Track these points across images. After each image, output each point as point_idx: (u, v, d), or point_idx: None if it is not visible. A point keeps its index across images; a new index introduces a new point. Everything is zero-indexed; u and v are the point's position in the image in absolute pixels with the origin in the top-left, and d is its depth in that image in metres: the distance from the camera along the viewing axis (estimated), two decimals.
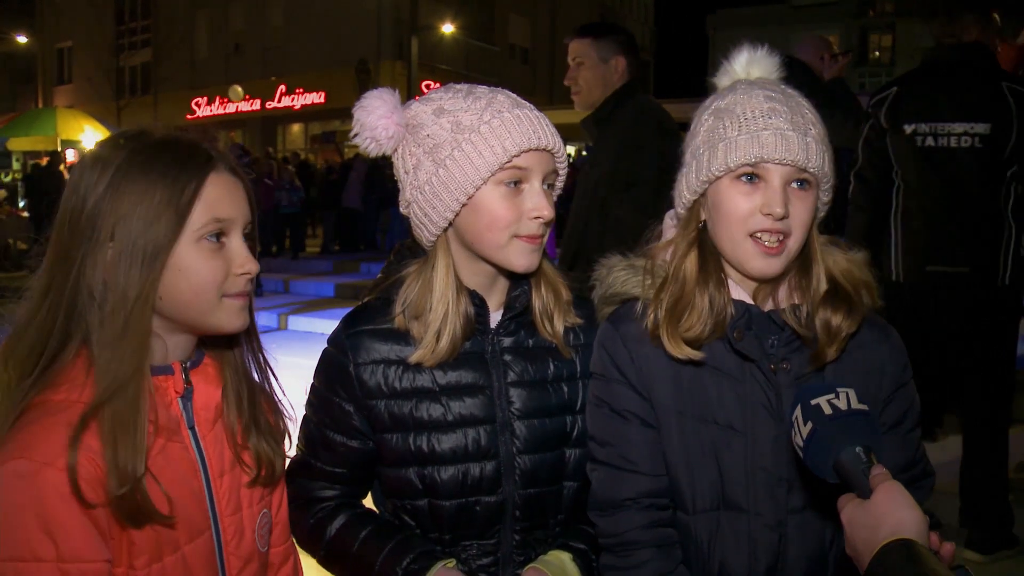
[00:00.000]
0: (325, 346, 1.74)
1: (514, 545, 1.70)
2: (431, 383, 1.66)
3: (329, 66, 25.12)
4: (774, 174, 1.52)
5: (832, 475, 1.32)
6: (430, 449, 1.65)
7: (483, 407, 1.67)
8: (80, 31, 33.65)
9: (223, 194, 1.39)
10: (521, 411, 1.68)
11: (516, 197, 1.58)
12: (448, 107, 1.60)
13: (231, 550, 1.47)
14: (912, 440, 1.67)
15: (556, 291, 1.72)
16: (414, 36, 20.97)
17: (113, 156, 1.35)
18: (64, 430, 1.25)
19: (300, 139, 29.18)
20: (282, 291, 13.50)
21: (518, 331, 1.71)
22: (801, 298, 1.61)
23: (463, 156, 1.56)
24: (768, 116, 1.54)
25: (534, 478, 1.68)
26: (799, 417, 1.36)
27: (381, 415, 1.67)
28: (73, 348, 1.33)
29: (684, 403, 1.62)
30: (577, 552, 1.70)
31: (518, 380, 1.69)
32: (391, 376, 1.66)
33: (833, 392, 1.35)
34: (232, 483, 1.48)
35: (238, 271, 1.41)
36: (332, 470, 1.73)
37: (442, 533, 1.69)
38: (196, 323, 1.41)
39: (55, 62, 36.30)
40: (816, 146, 1.54)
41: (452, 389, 1.66)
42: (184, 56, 30.97)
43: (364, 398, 1.67)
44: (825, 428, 1.32)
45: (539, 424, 1.69)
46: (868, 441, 1.31)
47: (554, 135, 1.61)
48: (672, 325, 1.59)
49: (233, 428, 1.49)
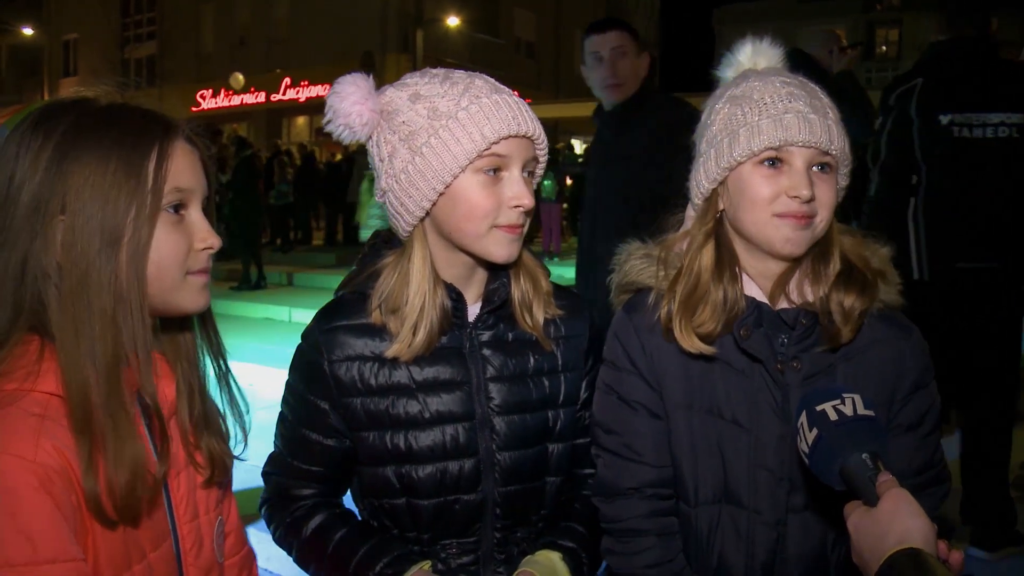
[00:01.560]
0: (299, 342, 1.69)
1: (495, 543, 1.67)
2: (408, 379, 1.62)
3: (334, 59, 25.05)
4: (797, 157, 1.51)
5: (838, 482, 1.30)
6: (407, 447, 1.61)
7: (462, 403, 1.63)
8: (86, 23, 33.68)
9: (184, 163, 1.28)
10: (501, 407, 1.64)
11: (495, 185, 1.53)
12: (424, 92, 1.55)
13: (191, 561, 1.37)
14: (930, 443, 1.65)
15: (535, 281, 1.69)
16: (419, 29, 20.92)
17: (55, 124, 1.21)
18: (25, 419, 1.13)
19: (305, 132, 29.14)
20: (286, 284, 13.51)
21: (497, 324, 1.67)
22: (814, 290, 1.59)
23: (440, 143, 1.50)
24: (788, 100, 1.53)
25: (515, 475, 1.65)
26: (804, 423, 1.34)
27: (357, 413, 1.63)
28: (19, 335, 1.20)
29: (692, 396, 1.62)
30: (566, 551, 1.67)
31: (497, 375, 1.65)
32: (367, 373, 1.62)
33: (839, 398, 1.33)
34: (188, 485, 1.37)
35: (200, 245, 1.30)
36: (309, 468, 1.69)
37: (421, 532, 1.65)
38: (158, 303, 1.28)
39: (61, 54, 36.28)
40: (836, 129, 1.54)
41: (430, 385, 1.62)
42: (189, 49, 30.95)
43: (339, 396, 1.63)
44: (831, 434, 1.30)
45: (519, 420, 1.65)
46: (874, 447, 1.28)
47: (534, 121, 1.55)
48: (685, 318, 1.58)
49: (185, 425, 1.38)
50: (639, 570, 1.64)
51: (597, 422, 1.70)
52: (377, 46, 24.71)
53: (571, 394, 1.73)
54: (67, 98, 1.27)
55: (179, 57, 31.18)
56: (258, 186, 13.42)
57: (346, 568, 1.62)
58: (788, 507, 1.58)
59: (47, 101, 1.28)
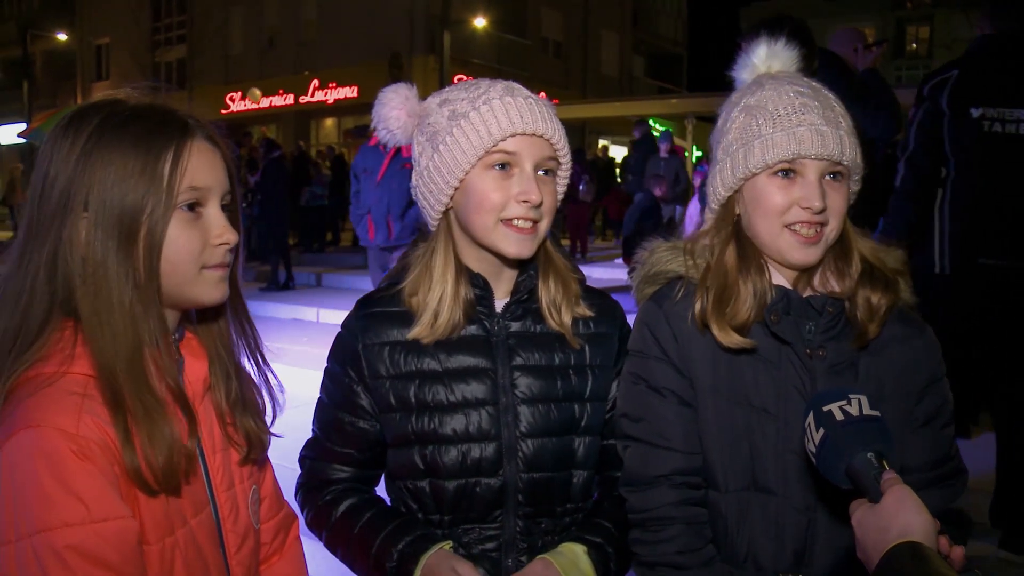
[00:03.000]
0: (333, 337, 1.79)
1: (518, 531, 1.71)
2: (436, 365, 1.70)
3: (362, 60, 25.22)
4: (810, 169, 1.56)
5: (845, 480, 1.33)
6: (432, 430, 1.68)
7: (487, 390, 1.70)
8: (118, 28, 34.10)
9: (200, 162, 1.34)
10: (525, 395, 1.71)
11: (506, 180, 1.62)
12: (450, 97, 1.68)
13: (229, 527, 1.47)
14: (945, 437, 1.68)
15: (565, 283, 1.76)
16: (446, 30, 20.99)
17: (85, 124, 1.30)
18: (66, 397, 1.22)
19: (333, 133, 29.31)
20: (314, 284, 13.59)
21: (524, 317, 1.75)
22: (839, 283, 1.64)
23: (453, 141, 1.63)
24: (801, 112, 1.56)
25: (537, 463, 1.70)
26: (811, 424, 1.37)
27: (386, 395, 1.71)
28: (55, 322, 1.29)
29: (721, 383, 1.65)
30: (592, 545, 1.70)
31: (523, 365, 1.72)
32: (397, 357, 1.71)
33: (845, 398, 1.36)
34: (224, 458, 1.47)
35: (216, 241, 1.37)
36: (342, 451, 1.78)
37: (443, 515, 1.71)
38: (175, 295, 1.36)
39: (93, 59, 36.76)
40: (848, 139, 1.57)
41: (456, 372, 1.70)
42: (218, 51, 31.24)
43: (371, 378, 1.72)
44: (837, 434, 1.33)
45: (544, 409, 1.71)
46: (880, 446, 1.32)
47: (547, 121, 1.64)
48: (719, 313, 1.62)
49: (221, 405, 1.48)
50: (667, 557, 1.66)
51: (624, 413, 1.73)
52: (405, 47, 24.82)
53: (598, 391, 1.77)
54: (99, 100, 1.36)
55: (208, 60, 31.48)
56: (287, 187, 13.50)
57: (370, 548, 1.68)
58: (819, 493, 1.60)
59: (81, 104, 1.36)
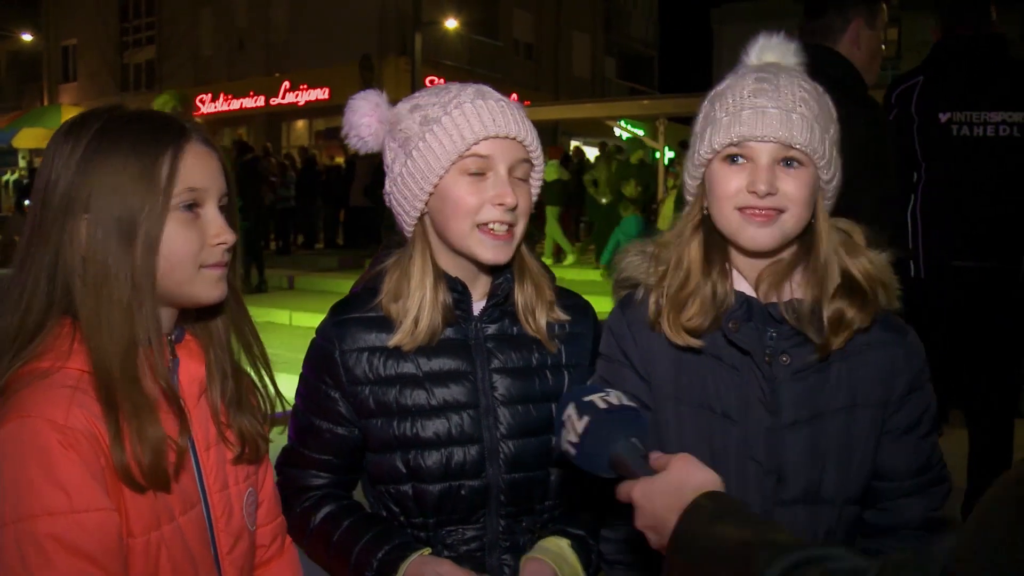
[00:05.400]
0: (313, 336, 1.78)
1: (500, 530, 1.72)
2: (415, 369, 1.70)
3: (333, 62, 25.11)
4: (759, 152, 1.54)
5: (607, 469, 1.35)
6: (414, 434, 1.68)
7: (467, 393, 1.70)
8: (85, 28, 33.69)
9: (197, 164, 1.39)
10: (505, 397, 1.71)
11: (480, 184, 1.62)
12: (421, 103, 1.67)
13: (221, 527, 1.48)
14: (928, 444, 1.67)
15: (538, 287, 1.76)
16: (417, 32, 20.94)
17: (85, 129, 1.35)
18: (58, 389, 1.27)
19: (304, 136, 29.17)
20: (287, 287, 13.52)
21: (502, 319, 1.75)
22: (808, 291, 1.60)
23: (426, 146, 1.62)
24: (753, 96, 1.55)
25: (518, 463, 1.71)
26: (572, 415, 1.39)
27: (366, 401, 1.70)
28: (54, 321, 1.34)
29: (682, 388, 1.65)
30: (575, 538, 1.73)
31: (501, 367, 1.72)
32: (376, 363, 1.70)
33: (603, 391, 1.40)
34: (218, 459, 1.49)
35: (214, 241, 1.41)
36: (319, 457, 1.77)
37: (427, 518, 1.71)
38: (174, 294, 1.40)
39: (60, 60, 36.31)
40: (803, 122, 1.53)
41: (436, 375, 1.70)
42: (188, 53, 30.95)
43: (349, 384, 1.71)
44: (602, 421, 1.36)
45: (523, 410, 1.72)
46: (641, 434, 1.36)
47: (520, 123, 1.63)
48: (674, 313, 1.62)
49: (216, 405, 1.50)
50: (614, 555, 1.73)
51: None
52: (376, 49, 24.74)
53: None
54: (99, 107, 1.41)
55: (177, 61, 31.17)
56: (260, 190, 13.43)
57: (349, 556, 1.68)
58: (776, 500, 1.60)
59: (84, 110, 1.43)
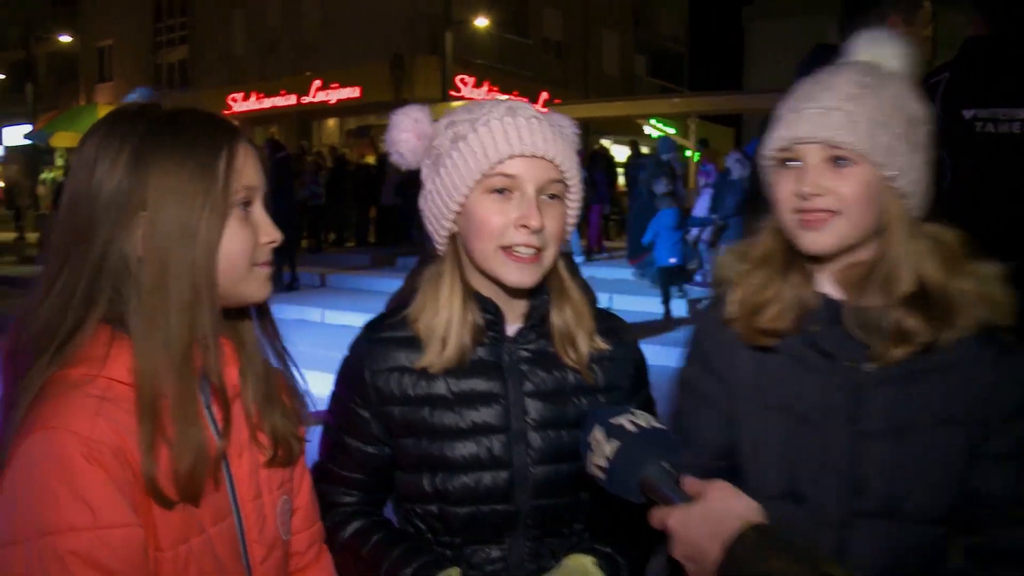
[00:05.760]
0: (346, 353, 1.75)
1: (526, 552, 1.68)
2: (446, 391, 1.65)
3: (364, 61, 25.20)
4: (806, 154, 1.51)
5: (637, 494, 1.30)
6: (442, 456, 1.64)
7: (498, 416, 1.65)
8: (120, 29, 34.14)
9: (249, 162, 1.38)
10: (537, 421, 1.66)
11: (505, 204, 1.56)
12: (456, 119, 1.62)
13: (254, 537, 1.45)
14: None
15: (579, 313, 1.70)
16: (448, 31, 20.99)
17: (132, 129, 1.31)
18: (86, 400, 1.23)
19: (335, 134, 29.30)
20: (319, 285, 13.60)
21: (537, 340, 1.70)
22: (879, 298, 1.53)
23: (452, 164, 1.58)
24: (802, 97, 1.52)
25: (548, 489, 1.66)
26: (599, 437, 1.34)
27: (396, 421, 1.67)
28: (91, 326, 1.30)
29: (762, 390, 1.61)
30: (601, 555, 1.66)
31: (535, 390, 1.67)
32: (406, 383, 1.66)
33: (630, 412, 1.35)
34: (251, 466, 1.45)
35: (264, 239, 1.40)
36: (349, 475, 1.74)
37: (453, 537, 1.68)
38: (228, 294, 1.38)
39: (96, 60, 36.77)
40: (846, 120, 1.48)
41: (466, 397, 1.65)
42: (220, 52, 31.23)
43: (380, 404, 1.68)
44: (633, 444, 1.31)
45: (555, 435, 1.66)
46: (672, 457, 1.31)
47: (551, 142, 1.57)
48: (753, 313, 1.58)
49: (250, 408, 1.47)
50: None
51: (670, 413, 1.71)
52: (407, 48, 24.81)
53: None
54: (134, 105, 1.38)
55: (210, 61, 31.48)
56: (292, 188, 13.51)
57: (378, 571, 1.64)
58: (855, 510, 1.53)
59: (116, 108, 1.38)
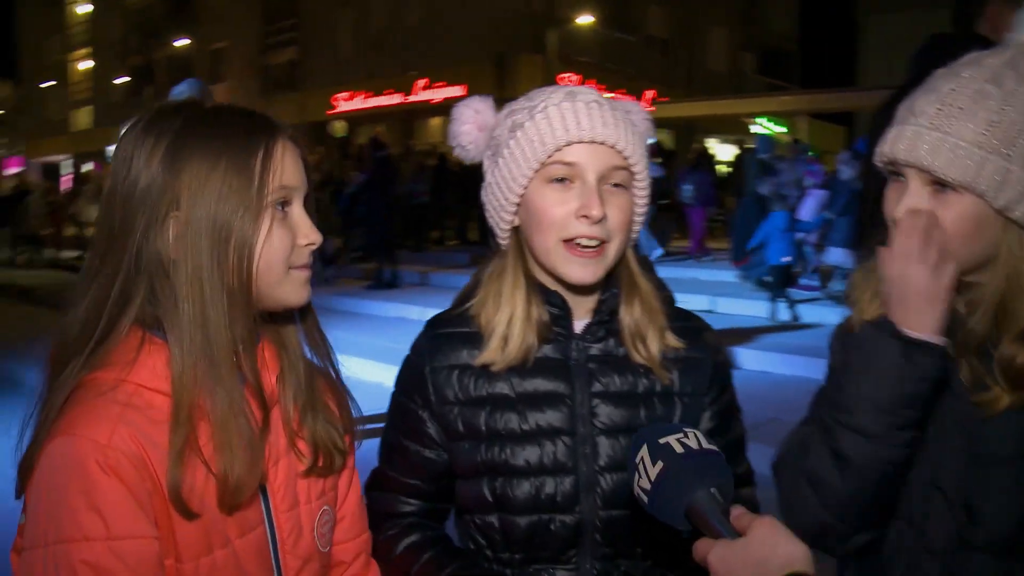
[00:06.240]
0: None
1: (594, 574, 1.55)
2: (508, 390, 1.56)
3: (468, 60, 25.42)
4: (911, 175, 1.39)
5: (683, 521, 1.20)
6: (503, 460, 1.54)
7: (563, 418, 1.54)
8: (233, 32, 35.33)
9: (288, 161, 1.33)
10: (606, 425, 1.55)
11: (566, 194, 1.47)
12: (515, 107, 1.56)
13: (287, 549, 1.38)
14: None
15: (650, 310, 1.58)
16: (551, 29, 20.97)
17: (167, 125, 1.27)
18: (110, 407, 1.20)
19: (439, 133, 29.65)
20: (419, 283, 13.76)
21: (607, 339, 1.58)
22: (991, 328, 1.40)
23: (510, 154, 1.51)
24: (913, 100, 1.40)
25: (618, 499, 1.53)
26: (645, 458, 1.23)
27: (454, 423, 1.58)
28: (124, 328, 1.26)
29: None
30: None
31: (603, 391, 1.56)
32: (466, 382, 1.57)
33: (681, 431, 1.24)
34: (287, 473, 1.39)
35: (303, 241, 1.34)
36: (407, 481, 1.65)
37: (513, 553, 1.56)
38: (263, 296, 1.33)
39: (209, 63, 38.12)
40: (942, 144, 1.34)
41: (530, 397, 1.55)
42: (327, 53, 31.97)
43: (438, 404, 1.59)
44: (678, 467, 1.20)
45: (625, 441, 1.52)
46: (722, 482, 1.20)
47: (613, 127, 1.46)
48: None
49: (289, 414, 1.41)
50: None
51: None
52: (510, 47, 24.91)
53: (686, 421, 1.59)
54: (174, 102, 1.33)
55: (317, 62, 32.27)
56: (393, 186, 13.70)
57: None
58: (961, 540, 1.41)
59: (157, 105, 1.34)
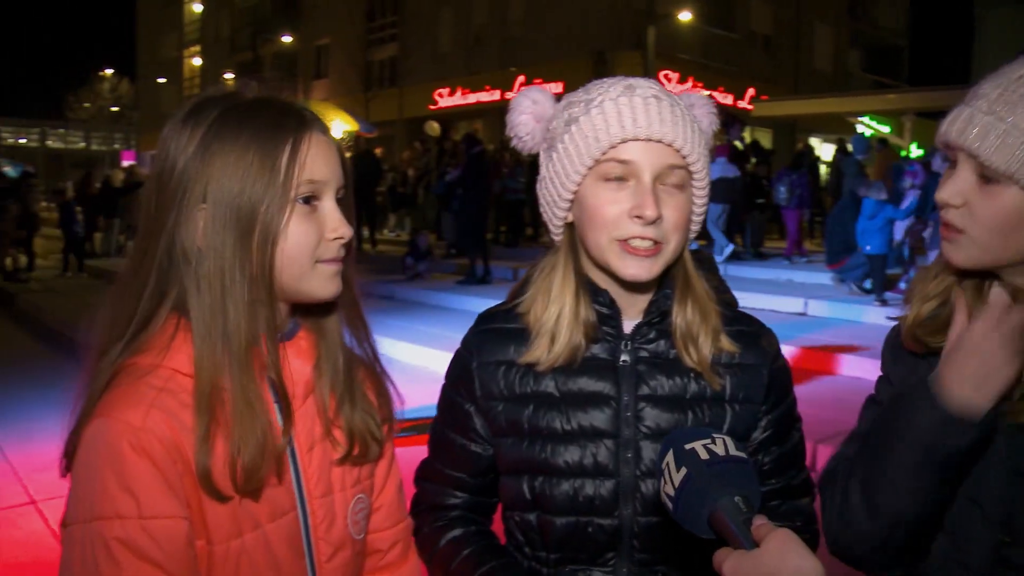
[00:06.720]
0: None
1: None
2: (553, 389, 1.53)
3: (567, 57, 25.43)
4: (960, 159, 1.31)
5: (706, 529, 1.17)
6: (543, 459, 1.52)
7: (607, 420, 1.51)
8: (336, 28, 36.13)
9: (317, 155, 1.32)
10: (651, 429, 1.50)
11: (620, 193, 1.42)
12: (572, 99, 1.51)
13: (320, 535, 1.40)
14: None
15: (704, 312, 1.53)
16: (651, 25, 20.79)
17: (203, 116, 1.29)
18: (145, 390, 1.23)
19: None
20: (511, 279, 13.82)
21: (657, 340, 1.54)
22: None
23: (564, 149, 1.47)
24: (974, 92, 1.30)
25: (658, 505, 1.45)
26: (670, 463, 1.20)
27: (499, 418, 1.56)
28: (164, 313, 1.29)
29: None
30: None
31: (651, 394, 1.51)
32: (512, 378, 1.56)
33: (709, 437, 1.21)
34: (321, 461, 1.41)
35: (331, 235, 1.34)
36: (452, 474, 1.65)
37: (550, 552, 1.54)
38: (289, 289, 1.34)
39: (314, 59, 39.07)
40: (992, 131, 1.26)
41: (575, 397, 1.52)
42: (428, 49, 32.41)
43: (484, 399, 1.58)
44: (702, 474, 1.17)
45: None
46: (747, 491, 1.16)
47: (671, 124, 1.41)
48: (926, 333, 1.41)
49: (325, 402, 1.42)
50: None
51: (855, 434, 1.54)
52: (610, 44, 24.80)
53: (737, 429, 1.53)
54: (216, 93, 1.36)
55: (418, 58, 32.73)
56: (488, 182, 13.78)
57: None
58: (999, 559, 1.32)
59: (199, 95, 1.36)
